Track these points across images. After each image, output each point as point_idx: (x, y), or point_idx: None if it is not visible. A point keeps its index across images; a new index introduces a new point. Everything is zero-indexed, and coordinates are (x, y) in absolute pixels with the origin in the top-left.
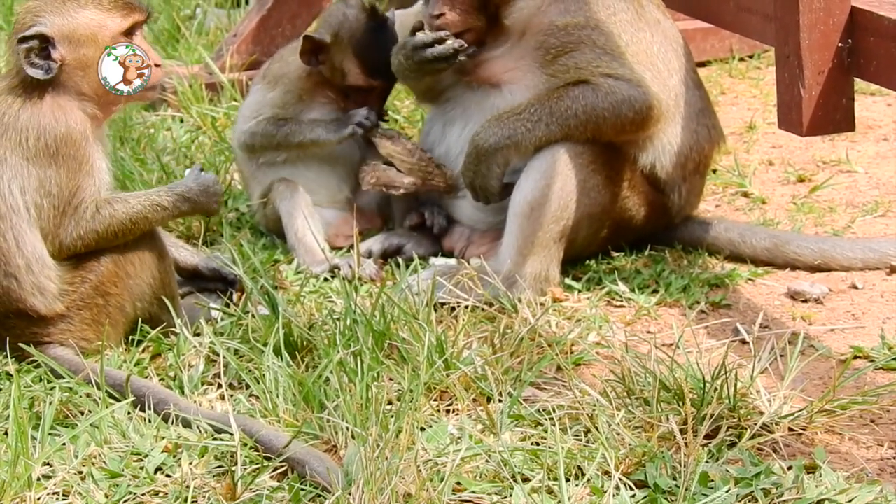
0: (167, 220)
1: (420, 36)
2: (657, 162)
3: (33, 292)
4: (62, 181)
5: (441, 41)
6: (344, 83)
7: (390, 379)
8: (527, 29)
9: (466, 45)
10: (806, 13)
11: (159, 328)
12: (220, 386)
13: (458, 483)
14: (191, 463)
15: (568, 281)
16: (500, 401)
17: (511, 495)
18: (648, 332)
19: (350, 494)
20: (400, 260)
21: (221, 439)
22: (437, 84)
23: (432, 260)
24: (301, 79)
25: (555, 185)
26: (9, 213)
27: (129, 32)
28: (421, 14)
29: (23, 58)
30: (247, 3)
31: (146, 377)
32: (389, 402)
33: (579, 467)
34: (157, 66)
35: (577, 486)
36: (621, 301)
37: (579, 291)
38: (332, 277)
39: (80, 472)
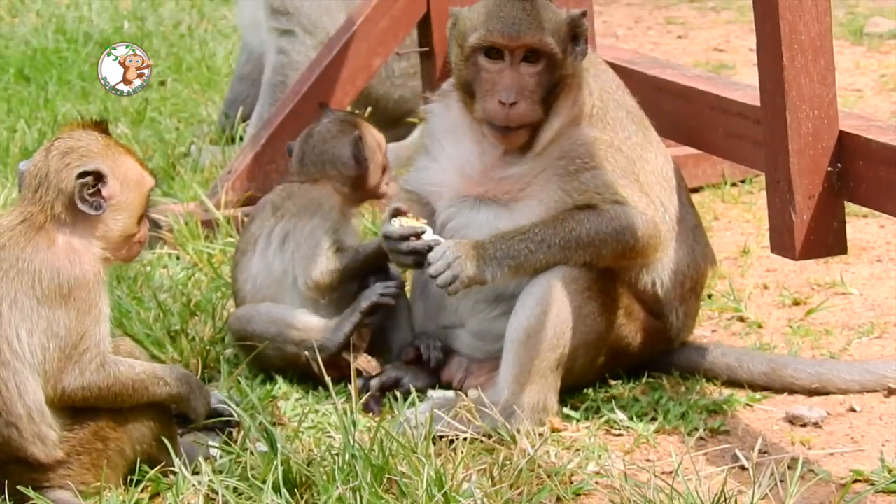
0: (165, 398)
1: (394, 227)
2: (657, 280)
3: (34, 441)
4: (70, 323)
5: (416, 236)
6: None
7: None
8: (555, 138)
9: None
10: (795, 138)
11: (158, 468)
12: None
13: None
14: None
15: (566, 410)
16: None
17: None
18: (648, 461)
19: None
20: (398, 393)
21: None
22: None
23: (430, 392)
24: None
25: (550, 312)
26: (13, 359)
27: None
28: (414, 147)
29: (76, 192)
30: (241, 139)
31: None
32: None
33: None
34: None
35: None
36: (620, 429)
37: (578, 420)
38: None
39: None
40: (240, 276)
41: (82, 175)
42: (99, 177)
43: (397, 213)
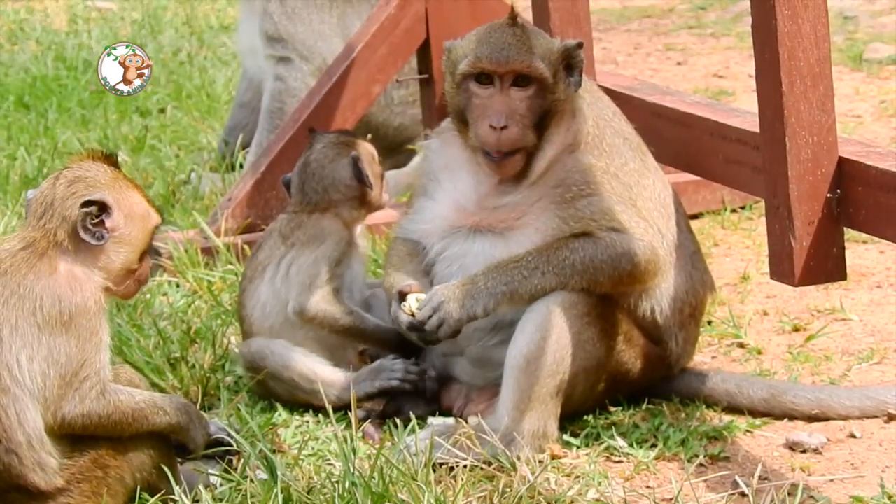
0: (164, 427)
1: (403, 316)
2: (656, 306)
3: (34, 468)
4: (71, 351)
5: (421, 324)
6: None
7: None
8: (551, 165)
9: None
10: (794, 164)
11: (158, 496)
12: None
13: None
14: None
15: (566, 437)
16: None
17: None
18: (648, 487)
19: None
20: (398, 420)
21: None
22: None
23: (430, 420)
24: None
25: (550, 338)
26: (13, 386)
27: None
28: (414, 174)
29: (79, 220)
30: (241, 167)
31: None
32: None
33: None
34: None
35: None
36: (620, 456)
37: (578, 447)
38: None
39: None
40: (247, 303)
41: (86, 204)
42: (103, 207)
43: (403, 295)
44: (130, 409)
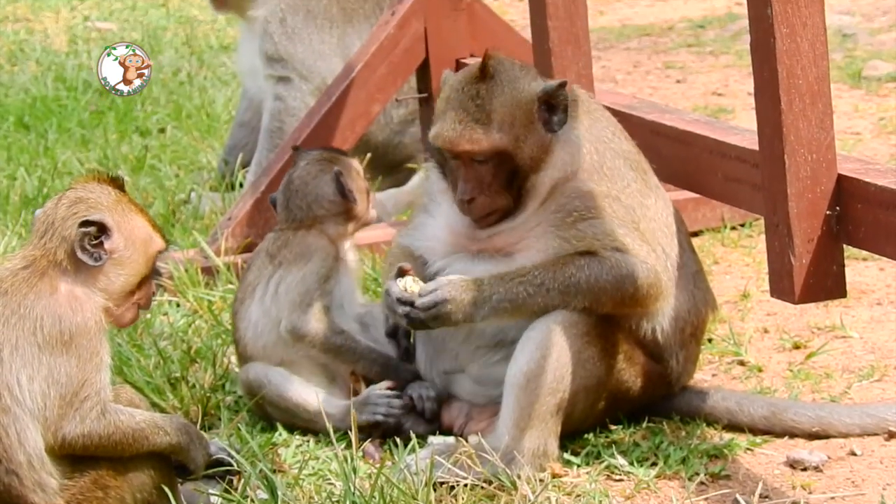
0: (165, 448)
1: (397, 287)
2: (657, 326)
3: (34, 489)
4: (71, 370)
5: (410, 303)
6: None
7: None
8: (550, 196)
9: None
10: (793, 182)
11: None
12: None
13: None
14: None
15: (566, 455)
16: None
17: None
18: None
19: None
20: (398, 439)
21: None
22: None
23: (430, 438)
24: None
25: (550, 356)
26: (13, 405)
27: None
28: (415, 193)
29: (77, 241)
30: (241, 186)
31: None
32: None
33: None
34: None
35: None
36: (621, 474)
37: (578, 466)
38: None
39: None
40: (240, 324)
41: (85, 224)
42: (102, 228)
43: (402, 272)
44: (131, 429)
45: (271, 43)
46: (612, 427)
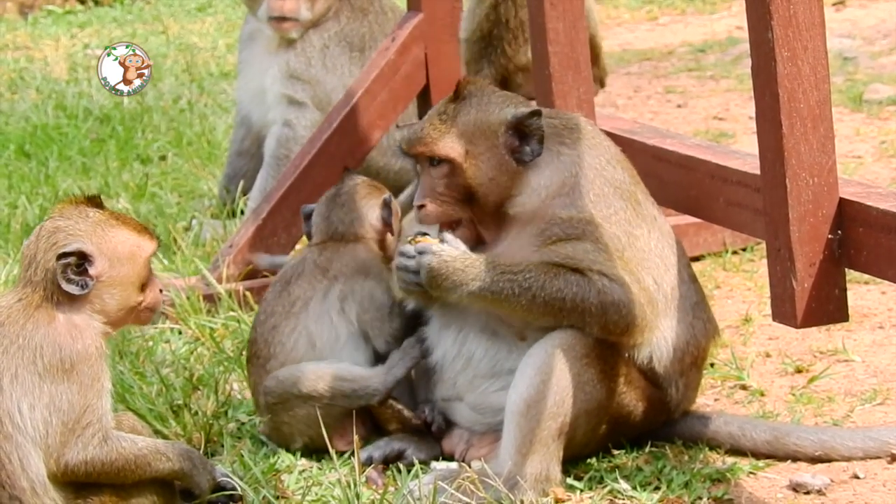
0: (168, 473)
1: (409, 247)
2: (654, 356)
3: None
4: (73, 398)
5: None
6: None
7: None
8: (529, 222)
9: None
10: (795, 206)
11: None
12: None
13: None
14: None
15: (569, 480)
16: None
17: None
18: None
19: None
20: (401, 465)
21: None
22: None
23: (433, 464)
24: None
25: (550, 380)
26: (15, 433)
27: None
28: (405, 204)
29: (59, 273)
30: (242, 213)
31: None
32: None
33: None
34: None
35: None
36: (624, 499)
37: (581, 491)
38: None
39: None
40: (283, 338)
41: (63, 256)
42: (83, 256)
43: (418, 236)
44: (133, 455)
45: (304, 64)
46: (615, 452)
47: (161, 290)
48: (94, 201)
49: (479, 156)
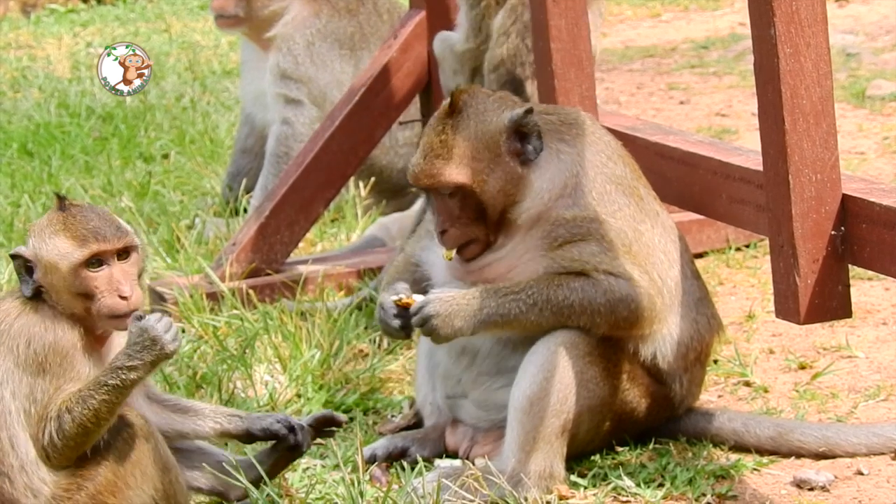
0: (126, 393)
1: (389, 300)
2: (658, 352)
3: (26, 493)
4: (48, 389)
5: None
6: None
7: None
8: (534, 225)
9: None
10: (798, 203)
11: None
12: None
13: None
14: None
15: (573, 477)
16: None
17: None
18: None
19: None
20: (405, 463)
21: None
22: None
23: (437, 462)
24: None
25: (553, 378)
26: (3, 413)
27: (94, 262)
28: (416, 217)
29: (16, 272)
30: (245, 211)
31: None
32: None
33: None
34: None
35: None
36: (627, 496)
37: (585, 488)
38: None
39: None
40: None
41: (12, 258)
42: (26, 260)
43: (396, 293)
44: (90, 411)
45: (292, 63)
46: (619, 449)
47: (125, 297)
48: (60, 202)
49: (486, 170)
